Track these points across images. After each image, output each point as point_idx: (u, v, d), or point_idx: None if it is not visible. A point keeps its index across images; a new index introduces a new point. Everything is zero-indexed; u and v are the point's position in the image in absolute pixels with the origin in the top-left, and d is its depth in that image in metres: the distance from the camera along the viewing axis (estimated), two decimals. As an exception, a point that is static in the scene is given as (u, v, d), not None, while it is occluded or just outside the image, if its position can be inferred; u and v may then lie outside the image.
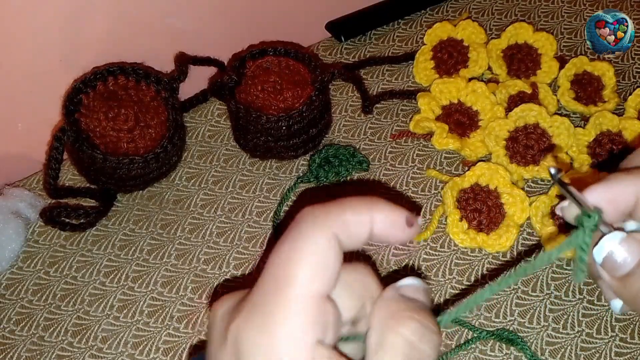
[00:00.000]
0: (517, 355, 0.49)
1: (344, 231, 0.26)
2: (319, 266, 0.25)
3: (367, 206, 0.26)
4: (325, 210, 0.26)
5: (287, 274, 0.25)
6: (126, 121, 0.57)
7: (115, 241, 0.57)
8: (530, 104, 0.60)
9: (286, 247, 0.25)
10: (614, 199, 0.28)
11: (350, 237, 0.26)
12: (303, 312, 0.24)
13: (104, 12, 0.60)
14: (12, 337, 0.52)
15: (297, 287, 0.24)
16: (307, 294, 0.24)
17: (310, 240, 0.25)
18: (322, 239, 0.25)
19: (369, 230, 0.26)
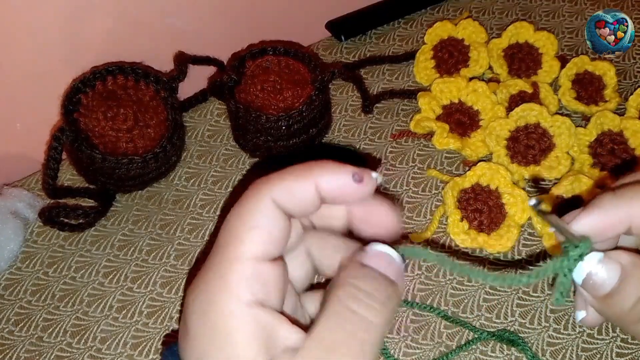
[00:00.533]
0: (518, 356, 0.48)
1: (287, 196, 0.27)
2: (258, 229, 0.26)
3: (308, 170, 0.27)
4: (267, 178, 0.27)
5: (228, 237, 0.26)
6: (125, 121, 0.57)
7: (115, 241, 0.57)
8: (531, 104, 0.60)
9: (231, 214, 0.27)
10: (603, 227, 0.28)
11: (295, 202, 0.27)
12: (240, 271, 0.25)
13: (103, 12, 0.60)
14: (11, 337, 0.51)
15: (236, 247, 0.26)
16: (246, 254, 0.26)
17: (250, 205, 0.27)
18: (262, 204, 0.26)
19: (314, 194, 0.27)
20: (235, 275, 0.25)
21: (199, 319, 0.25)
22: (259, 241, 0.26)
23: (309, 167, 0.27)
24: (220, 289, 0.25)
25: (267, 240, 0.26)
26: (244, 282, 0.25)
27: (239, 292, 0.25)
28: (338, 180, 0.27)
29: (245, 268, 0.25)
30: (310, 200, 0.27)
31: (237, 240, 0.26)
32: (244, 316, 0.24)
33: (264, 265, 0.26)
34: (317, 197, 0.27)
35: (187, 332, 0.26)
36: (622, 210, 0.27)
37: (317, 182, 0.27)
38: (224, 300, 0.25)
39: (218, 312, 0.25)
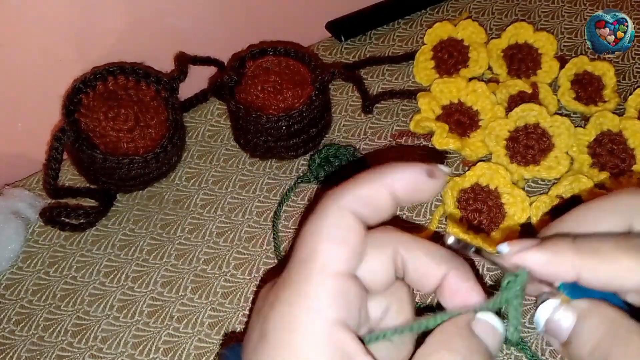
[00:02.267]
0: (518, 355, 0.49)
1: (363, 204, 0.26)
2: (338, 242, 0.25)
3: (381, 174, 0.27)
4: (342, 188, 0.27)
5: (309, 251, 0.25)
6: (126, 121, 0.57)
7: (115, 241, 0.57)
8: (531, 104, 0.60)
9: (308, 227, 0.26)
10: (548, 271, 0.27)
11: (372, 210, 0.26)
12: (323, 286, 0.25)
13: (104, 13, 0.60)
14: (12, 337, 0.52)
15: (318, 261, 0.25)
16: (328, 269, 0.25)
17: (330, 219, 0.26)
18: (341, 216, 0.26)
19: (391, 198, 0.27)
20: (319, 290, 0.25)
21: (280, 333, 0.25)
22: (342, 256, 0.25)
23: (380, 171, 0.27)
24: (305, 305, 0.25)
25: (350, 254, 0.26)
26: (328, 299, 0.25)
27: (323, 310, 0.24)
28: (412, 178, 0.27)
29: (330, 284, 0.25)
30: (387, 205, 0.27)
31: (320, 255, 0.25)
32: (326, 338, 0.24)
33: (348, 282, 0.25)
34: (392, 200, 0.27)
35: (264, 341, 0.25)
36: (575, 260, 0.26)
37: (391, 184, 0.27)
38: (309, 319, 0.24)
39: (301, 330, 0.24)
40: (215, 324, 0.51)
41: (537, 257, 0.27)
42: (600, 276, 0.26)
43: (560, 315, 0.26)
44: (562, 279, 0.27)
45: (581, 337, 0.26)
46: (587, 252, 0.26)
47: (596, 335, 0.25)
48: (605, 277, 0.26)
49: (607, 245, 0.26)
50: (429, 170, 0.27)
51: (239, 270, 0.55)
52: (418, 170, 0.27)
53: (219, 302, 0.53)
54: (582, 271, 0.26)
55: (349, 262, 0.26)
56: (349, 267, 0.26)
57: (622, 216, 0.28)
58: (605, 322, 0.26)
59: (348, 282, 0.25)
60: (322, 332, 0.24)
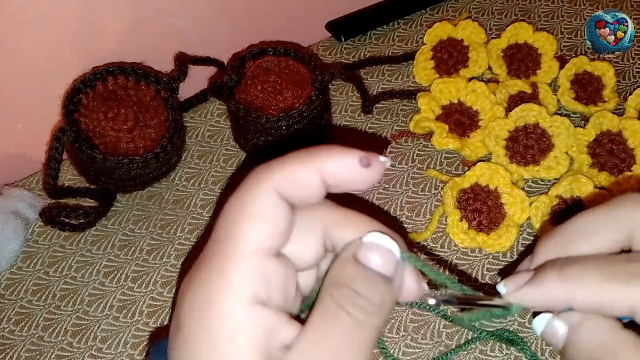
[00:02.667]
0: (517, 355, 0.49)
1: (289, 184, 0.25)
2: (260, 221, 0.24)
3: (312, 155, 0.25)
4: (268, 165, 0.25)
5: (227, 230, 0.24)
6: (126, 121, 0.57)
7: (115, 241, 0.57)
8: (530, 104, 0.60)
9: (229, 204, 0.25)
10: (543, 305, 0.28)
11: (298, 190, 0.25)
12: (241, 266, 0.23)
13: (104, 13, 0.60)
14: (11, 337, 0.52)
15: (236, 240, 0.24)
16: (247, 248, 0.24)
17: (251, 195, 0.24)
18: (263, 193, 0.24)
19: (319, 180, 0.25)
20: (235, 270, 0.23)
21: (195, 317, 0.23)
22: (262, 234, 0.24)
23: (312, 152, 0.25)
24: (219, 285, 0.23)
25: (270, 233, 0.24)
26: (245, 279, 0.23)
27: (240, 290, 0.23)
28: (344, 164, 0.25)
29: (247, 263, 0.24)
30: (314, 187, 0.25)
31: (237, 233, 0.24)
32: (245, 316, 0.23)
33: (267, 261, 0.24)
34: (321, 183, 0.25)
35: (179, 330, 0.24)
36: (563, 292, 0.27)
37: (322, 167, 0.25)
38: (223, 298, 0.23)
39: (216, 310, 0.23)
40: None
41: (530, 295, 0.28)
42: (589, 306, 0.27)
43: (552, 327, 0.28)
44: (558, 309, 0.28)
45: (576, 345, 0.27)
46: (573, 283, 0.27)
47: (591, 344, 0.26)
48: (593, 308, 0.26)
49: (591, 274, 0.26)
50: (364, 158, 0.25)
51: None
52: (352, 158, 0.25)
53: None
54: (572, 303, 0.27)
55: (268, 240, 0.24)
56: (269, 245, 0.24)
57: (622, 228, 0.28)
58: (597, 333, 0.26)
59: (267, 260, 0.24)
60: (239, 312, 0.23)
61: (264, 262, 0.24)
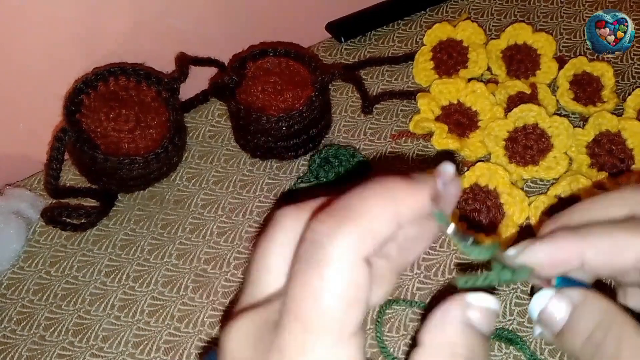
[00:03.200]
0: (517, 354, 0.49)
1: (371, 243, 0.22)
2: (351, 304, 0.21)
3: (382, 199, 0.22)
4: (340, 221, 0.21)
5: (319, 319, 0.21)
6: (127, 121, 0.57)
7: (116, 241, 0.58)
8: (530, 105, 0.61)
9: (313, 281, 0.21)
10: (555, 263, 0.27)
11: (378, 244, 0.22)
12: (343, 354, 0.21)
13: (105, 13, 0.60)
14: (13, 336, 0.52)
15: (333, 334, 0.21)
16: (345, 337, 0.21)
17: (336, 271, 0.21)
18: (351, 266, 0.21)
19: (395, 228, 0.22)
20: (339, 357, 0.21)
21: None
22: (357, 318, 0.21)
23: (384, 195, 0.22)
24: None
25: (362, 311, 0.22)
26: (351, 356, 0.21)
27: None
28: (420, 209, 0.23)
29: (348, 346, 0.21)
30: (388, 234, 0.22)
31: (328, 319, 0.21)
32: None
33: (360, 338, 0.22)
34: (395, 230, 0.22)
35: None
36: (575, 245, 0.27)
37: (399, 217, 0.22)
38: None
39: None
40: (216, 323, 0.52)
41: (541, 249, 0.27)
42: (603, 252, 0.26)
43: (554, 306, 0.27)
44: (568, 264, 0.27)
45: (574, 327, 0.26)
46: (586, 234, 0.27)
47: (590, 325, 0.26)
48: (607, 253, 0.26)
49: (604, 226, 0.27)
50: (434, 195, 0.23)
51: (239, 270, 0.55)
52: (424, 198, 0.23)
53: (220, 302, 0.53)
54: (585, 251, 0.26)
55: (360, 320, 0.22)
56: (360, 323, 0.22)
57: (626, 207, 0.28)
58: (599, 312, 0.26)
59: (359, 339, 0.22)
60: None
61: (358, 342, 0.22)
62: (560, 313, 0.26)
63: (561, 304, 0.26)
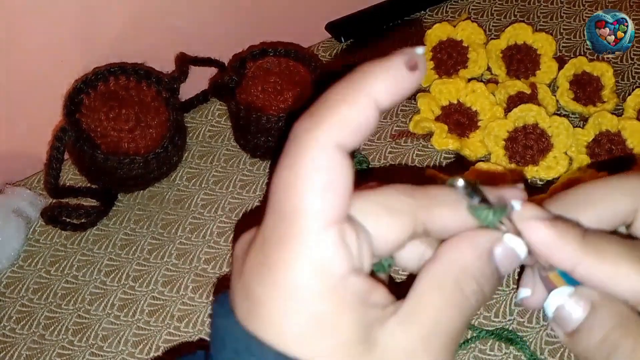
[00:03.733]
0: (517, 354, 0.49)
1: (346, 130, 0.22)
2: (325, 188, 0.22)
3: (360, 86, 0.22)
4: (315, 115, 0.22)
5: (292, 207, 0.22)
6: (127, 121, 0.57)
7: (116, 241, 0.58)
8: (530, 104, 0.61)
9: (284, 173, 0.22)
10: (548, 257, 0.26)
11: (356, 132, 0.22)
12: (323, 241, 0.22)
13: (104, 13, 0.60)
14: (12, 335, 0.52)
15: (309, 215, 0.22)
16: (323, 220, 0.22)
17: (308, 159, 0.22)
18: (322, 153, 0.22)
19: (376, 111, 0.22)
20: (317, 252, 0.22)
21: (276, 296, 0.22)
22: (333, 203, 0.22)
23: (356, 80, 0.23)
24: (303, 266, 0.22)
25: (339, 196, 0.22)
26: (328, 253, 0.22)
27: (325, 266, 0.22)
28: (395, 79, 0.23)
29: (327, 239, 0.22)
30: (373, 120, 0.22)
31: (303, 210, 0.22)
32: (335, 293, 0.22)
33: (342, 228, 0.22)
34: (378, 112, 0.23)
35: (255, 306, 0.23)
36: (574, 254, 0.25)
37: (374, 93, 0.22)
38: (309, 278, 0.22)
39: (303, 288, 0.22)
40: (216, 322, 0.52)
41: (543, 234, 0.25)
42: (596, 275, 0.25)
43: (572, 306, 0.26)
44: (556, 265, 0.26)
45: (590, 328, 0.25)
46: (591, 249, 0.25)
47: (606, 328, 0.25)
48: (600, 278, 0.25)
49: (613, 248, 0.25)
50: (408, 60, 0.23)
51: (239, 269, 0.55)
52: (399, 66, 0.23)
53: (219, 301, 0.53)
54: (578, 265, 0.25)
55: (340, 207, 0.22)
56: (341, 212, 0.22)
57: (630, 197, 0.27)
58: (615, 315, 0.25)
59: (344, 228, 0.23)
60: (331, 291, 0.22)
61: (341, 232, 0.22)
62: (577, 313, 0.26)
63: (579, 304, 0.26)
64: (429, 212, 0.25)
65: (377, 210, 0.24)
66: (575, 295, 0.26)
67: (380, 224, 0.24)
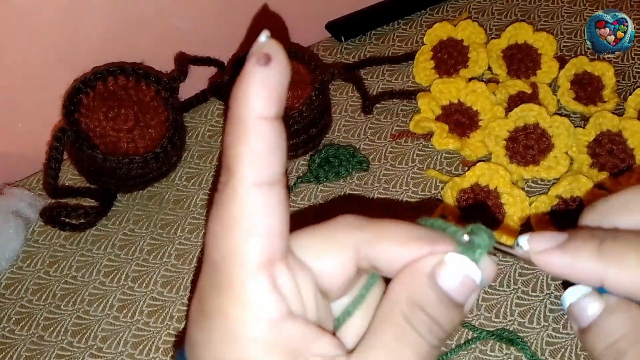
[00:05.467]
0: (517, 355, 0.49)
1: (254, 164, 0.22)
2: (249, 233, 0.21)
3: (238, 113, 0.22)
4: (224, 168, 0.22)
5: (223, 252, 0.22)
6: (126, 121, 0.57)
7: (115, 241, 0.57)
8: (530, 104, 0.60)
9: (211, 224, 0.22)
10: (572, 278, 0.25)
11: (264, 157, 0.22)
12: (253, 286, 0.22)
13: (104, 12, 0.60)
14: (12, 336, 0.52)
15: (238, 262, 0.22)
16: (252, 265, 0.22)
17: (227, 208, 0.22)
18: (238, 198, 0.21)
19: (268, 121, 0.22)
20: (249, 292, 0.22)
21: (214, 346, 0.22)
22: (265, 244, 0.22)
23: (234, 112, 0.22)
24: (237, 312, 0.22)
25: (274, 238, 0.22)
26: (259, 298, 0.22)
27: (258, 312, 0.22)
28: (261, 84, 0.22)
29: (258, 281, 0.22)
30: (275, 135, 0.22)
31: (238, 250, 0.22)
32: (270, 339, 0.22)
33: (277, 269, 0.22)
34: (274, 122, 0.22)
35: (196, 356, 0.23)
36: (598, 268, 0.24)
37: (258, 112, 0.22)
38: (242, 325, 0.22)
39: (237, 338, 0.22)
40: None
41: (558, 262, 0.25)
42: (624, 284, 0.24)
43: (588, 303, 0.26)
44: (585, 283, 0.25)
45: (602, 329, 0.25)
46: (611, 259, 0.24)
47: (617, 332, 0.25)
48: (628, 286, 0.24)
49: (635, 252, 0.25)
50: (260, 58, 0.22)
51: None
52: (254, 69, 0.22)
53: (219, 302, 0.53)
54: (605, 279, 0.25)
55: (270, 249, 0.22)
56: (272, 253, 0.22)
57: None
58: (629, 321, 0.25)
59: (275, 270, 0.22)
60: (266, 337, 0.22)
61: (276, 272, 0.22)
62: (592, 309, 0.26)
63: (595, 301, 0.26)
64: (373, 247, 0.24)
65: (319, 245, 0.24)
66: (593, 294, 0.26)
67: (323, 260, 0.24)
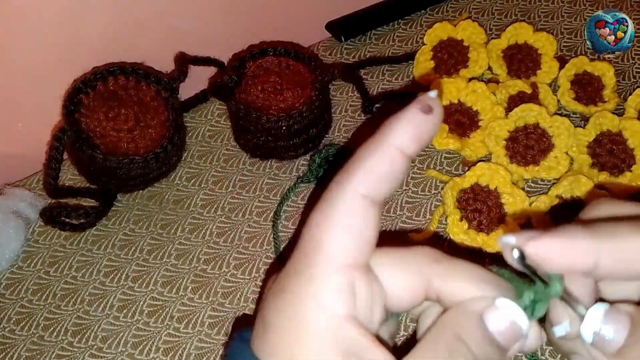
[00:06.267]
0: (517, 355, 0.48)
1: (371, 180, 0.24)
2: (346, 231, 0.24)
3: (386, 139, 0.25)
4: (348, 169, 0.25)
5: (315, 242, 0.24)
6: (126, 121, 0.57)
7: (116, 241, 0.57)
8: (531, 104, 0.60)
9: (315, 215, 0.25)
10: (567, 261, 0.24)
11: (382, 180, 0.25)
12: (329, 281, 0.23)
13: (104, 12, 0.60)
14: (12, 336, 0.52)
15: (323, 254, 0.24)
16: (335, 262, 0.24)
17: (336, 205, 0.24)
18: (349, 202, 0.24)
19: (403, 159, 0.25)
20: (325, 285, 0.23)
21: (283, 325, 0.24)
22: (351, 246, 0.24)
23: (381, 135, 0.25)
24: (309, 300, 0.23)
25: (360, 244, 0.24)
26: (334, 295, 0.23)
27: (328, 306, 0.23)
28: (414, 125, 0.25)
29: (336, 278, 0.24)
30: (402, 168, 0.25)
31: (325, 246, 0.24)
32: (330, 334, 0.23)
33: (356, 274, 0.24)
34: (406, 159, 0.25)
35: (266, 332, 0.24)
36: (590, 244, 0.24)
37: (399, 143, 0.25)
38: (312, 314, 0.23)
39: (305, 324, 0.23)
40: (216, 324, 0.52)
41: (550, 244, 0.24)
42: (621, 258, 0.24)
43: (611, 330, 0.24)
44: (580, 267, 0.24)
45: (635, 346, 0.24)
46: (603, 235, 0.24)
47: None
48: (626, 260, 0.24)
49: (624, 227, 0.24)
50: (423, 106, 0.25)
51: (239, 270, 0.55)
52: (415, 113, 0.25)
53: (219, 302, 0.53)
54: (601, 256, 0.24)
55: (358, 253, 0.24)
56: (358, 258, 0.24)
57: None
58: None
59: (357, 275, 0.24)
60: (327, 329, 0.23)
61: (353, 277, 0.24)
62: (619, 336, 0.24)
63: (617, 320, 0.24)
64: (445, 282, 0.25)
65: (394, 267, 0.25)
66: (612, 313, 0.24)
67: (395, 282, 0.25)
